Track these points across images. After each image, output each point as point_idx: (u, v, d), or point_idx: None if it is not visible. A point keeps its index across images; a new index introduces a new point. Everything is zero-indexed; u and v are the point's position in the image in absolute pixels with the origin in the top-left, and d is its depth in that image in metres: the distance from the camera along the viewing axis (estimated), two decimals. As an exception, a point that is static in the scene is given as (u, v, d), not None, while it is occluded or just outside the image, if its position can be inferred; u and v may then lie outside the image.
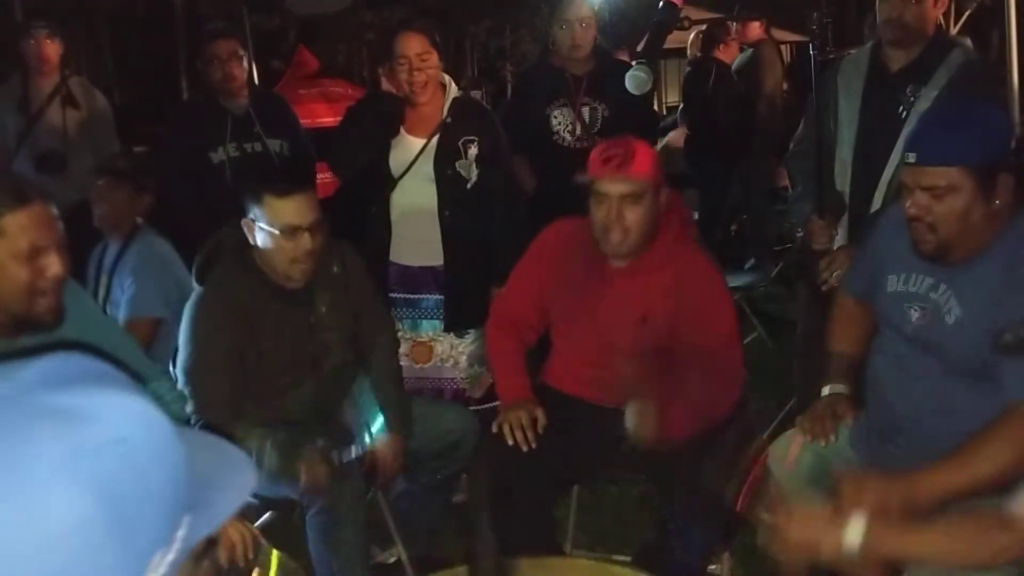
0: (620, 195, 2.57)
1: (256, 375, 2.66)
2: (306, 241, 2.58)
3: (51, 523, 0.66)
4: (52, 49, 4.45)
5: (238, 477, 0.84)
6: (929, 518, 1.77)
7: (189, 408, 2.54)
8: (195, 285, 2.69)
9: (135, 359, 2.34)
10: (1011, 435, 1.96)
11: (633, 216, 2.58)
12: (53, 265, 1.91)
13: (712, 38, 6.53)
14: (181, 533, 0.74)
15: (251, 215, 2.62)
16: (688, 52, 7.28)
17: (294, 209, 2.58)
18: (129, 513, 0.69)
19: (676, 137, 7.48)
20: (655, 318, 2.65)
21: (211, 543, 0.85)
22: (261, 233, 2.60)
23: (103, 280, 3.51)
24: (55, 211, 1.95)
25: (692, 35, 7.05)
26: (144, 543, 0.71)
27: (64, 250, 1.95)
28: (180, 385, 2.58)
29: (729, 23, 6.57)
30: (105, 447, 0.69)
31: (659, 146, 8.52)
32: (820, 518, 1.70)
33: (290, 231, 2.57)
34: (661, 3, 3.77)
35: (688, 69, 7.19)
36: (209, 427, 2.50)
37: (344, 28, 12.69)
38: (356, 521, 2.59)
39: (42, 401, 0.70)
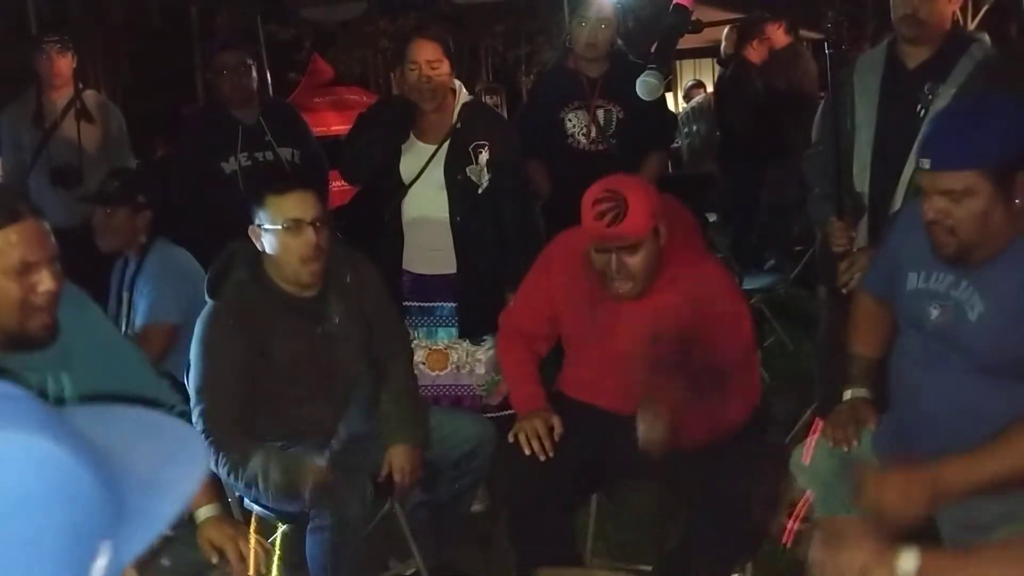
0: (617, 247, 2.50)
1: (268, 387, 2.64)
2: (311, 235, 2.57)
3: None
4: (65, 63, 4.48)
5: (186, 470, 0.78)
6: (984, 547, 1.71)
7: (198, 427, 2.50)
8: (207, 299, 2.67)
9: (137, 373, 2.28)
10: None
11: (634, 261, 2.51)
12: (45, 281, 1.91)
13: (743, 36, 6.36)
14: (101, 563, 0.68)
15: (256, 221, 2.62)
16: (721, 48, 7.13)
17: (295, 203, 2.59)
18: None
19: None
20: (668, 336, 2.58)
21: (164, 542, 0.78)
22: (267, 235, 2.60)
23: (124, 295, 3.50)
24: (47, 227, 1.94)
25: (726, 31, 6.94)
26: None
27: (57, 265, 1.94)
28: (193, 403, 2.54)
29: (763, 23, 6.36)
30: None
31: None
32: (870, 547, 1.63)
33: (294, 225, 2.57)
34: (671, 6, 3.71)
35: (720, 69, 7.08)
36: (219, 445, 2.49)
37: (359, 36, 12.72)
38: (360, 537, 2.54)
39: None
